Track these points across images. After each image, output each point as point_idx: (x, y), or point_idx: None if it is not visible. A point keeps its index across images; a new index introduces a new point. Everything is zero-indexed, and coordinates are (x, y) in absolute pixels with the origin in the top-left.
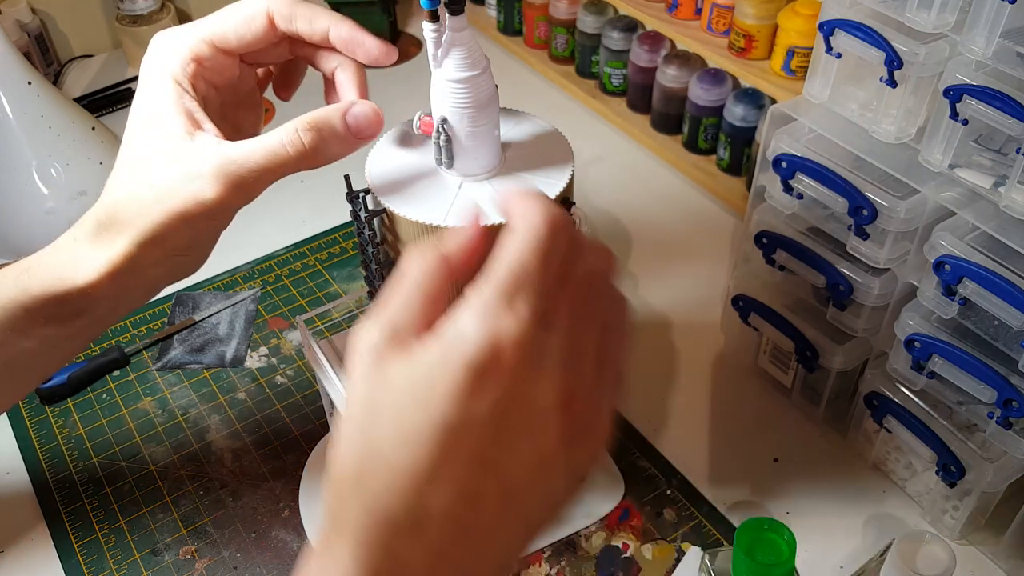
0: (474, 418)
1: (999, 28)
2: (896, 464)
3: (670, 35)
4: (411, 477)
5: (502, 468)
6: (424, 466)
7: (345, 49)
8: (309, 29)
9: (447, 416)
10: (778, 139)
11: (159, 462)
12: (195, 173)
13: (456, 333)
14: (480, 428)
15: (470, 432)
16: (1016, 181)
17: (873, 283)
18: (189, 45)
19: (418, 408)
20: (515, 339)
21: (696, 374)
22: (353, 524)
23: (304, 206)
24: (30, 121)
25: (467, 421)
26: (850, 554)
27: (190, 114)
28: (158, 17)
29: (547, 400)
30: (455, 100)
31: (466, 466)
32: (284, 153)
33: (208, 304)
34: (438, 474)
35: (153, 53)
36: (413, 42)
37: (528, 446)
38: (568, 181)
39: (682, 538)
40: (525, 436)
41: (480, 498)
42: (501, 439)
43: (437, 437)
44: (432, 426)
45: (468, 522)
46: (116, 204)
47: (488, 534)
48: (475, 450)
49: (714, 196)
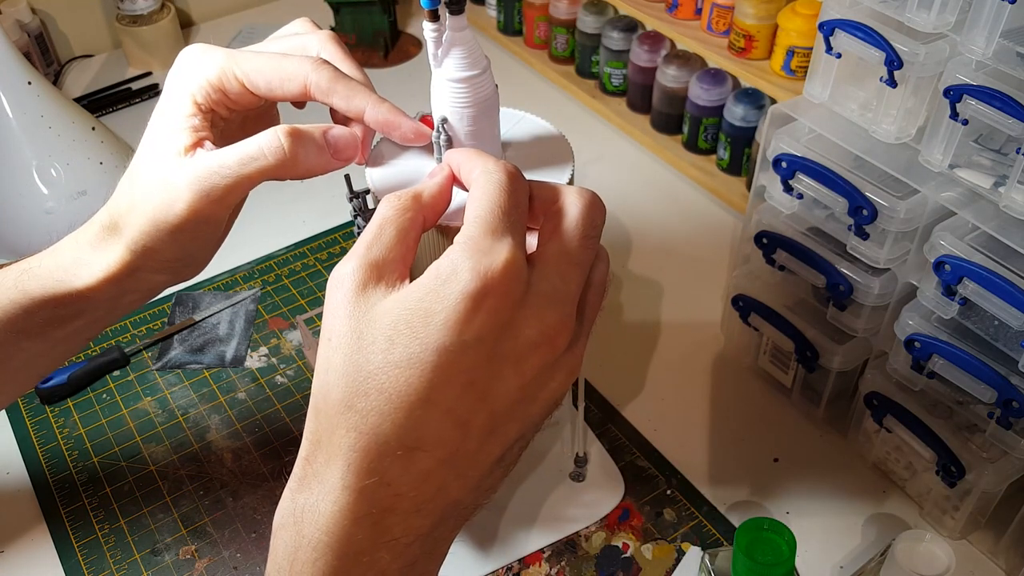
0: (468, 345)
1: (999, 28)
2: (896, 464)
3: (670, 35)
4: (404, 401)
5: (489, 395)
6: (418, 390)
7: (380, 129)
8: (345, 106)
9: (442, 343)
10: (778, 139)
11: (159, 462)
12: (170, 183)
13: (450, 266)
14: (473, 355)
15: (464, 359)
16: (1016, 181)
17: (873, 283)
18: (219, 74)
19: (413, 336)
20: (506, 268)
21: (696, 374)
22: (342, 447)
23: (304, 206)
24: (30, 121)
25: (461, 348)
26: (850, 554)
27: (195, 134)
28: (158, 17)
29: (533, 331)
30: (455, 100)
31: (458, 392)
32: (262, 157)
33: (208, 304)
34: (431, 399)
35: (182, 66)
36: (413, 42)
37: (513, 374)
38: (568, 181)
39: (682, 538)
40: (511, 364)
41: (469, 424)
42: (491, 367)
43: (432, 362)
44: (428, 352)
45: (456, 447)
46: (116, 210)
47: (472, 460)
48: (466, 377)
49: (714, 196)
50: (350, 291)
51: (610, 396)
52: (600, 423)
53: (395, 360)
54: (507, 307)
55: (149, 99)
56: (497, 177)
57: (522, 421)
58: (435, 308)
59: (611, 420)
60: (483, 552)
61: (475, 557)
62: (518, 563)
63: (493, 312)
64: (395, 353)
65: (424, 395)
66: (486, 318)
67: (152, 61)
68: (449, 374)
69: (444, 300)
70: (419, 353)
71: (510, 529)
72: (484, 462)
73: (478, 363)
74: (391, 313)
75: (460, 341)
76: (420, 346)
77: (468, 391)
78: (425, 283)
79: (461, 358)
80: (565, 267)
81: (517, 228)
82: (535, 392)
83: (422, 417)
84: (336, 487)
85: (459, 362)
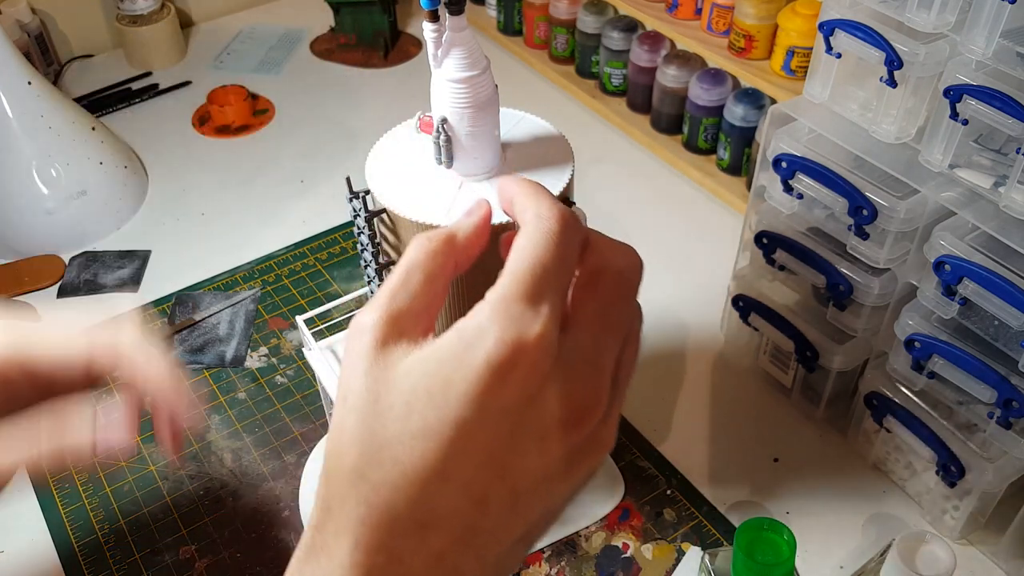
0: (489, 419)
1: (999, 28)
2: (896, 464)
3: (670, 35)
4: (419, 475)
5: (510, 472)
6: (434, 464)
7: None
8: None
9: (462, 415)
10: (778, 139)
11: (159, 462)
12: None
13: (476, 330)
14: (494, 429)
15: (484, 433)
16: (1016, 181)
17: (873, 283)
18: None
19: (432, 404)
20: (537, 341)
21: (696, 374)
22: (352, 520)
23: (304, 206)
24: (30, 121)
25: (482, 421)
26: (850, 554)
27: None
28: (158, 17)
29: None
30: (455, 100)
31: (476, 468)
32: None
33: (208, 304)
34: (448, 474)
35: None
36: (413, 42)
37: (537, 451)
38: (568, 181)
39: (682, 538)
40: (535, 441)
41: (487, 502)
42: (513, 443)
43: (450, 435)
44: (446, 424)
45: (472, 525)
46: None
47: (490, 539)
48: (487, 452)
49: (714, 196)
50: (368, 347)
51: None
52: None
53: (412, 430)
54: (535, 381)
55: (149, 99)
56: (548, 227)
57: (547, 499)
58: (455, 377)
59: None
60: None
61: None
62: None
63: (518, 386)
64: (412, 423)
65: (439, 469)
66: (510, 392)
67: (152, 61)
68: (468, 448)
69: (466, 369)
70: (436, 425)
71: None
72: (504, 541)
73: (499, 438)
74: (411, 377)
75: (482, 414)
76: (437, 417)
77: (487, 467)
78: (448, 346)
79: (480, 433)
80: (601, 333)
81: (557, 293)
82: (562, 469)
83: (437, 492)
84: (344, 563)
85: (479, 437)
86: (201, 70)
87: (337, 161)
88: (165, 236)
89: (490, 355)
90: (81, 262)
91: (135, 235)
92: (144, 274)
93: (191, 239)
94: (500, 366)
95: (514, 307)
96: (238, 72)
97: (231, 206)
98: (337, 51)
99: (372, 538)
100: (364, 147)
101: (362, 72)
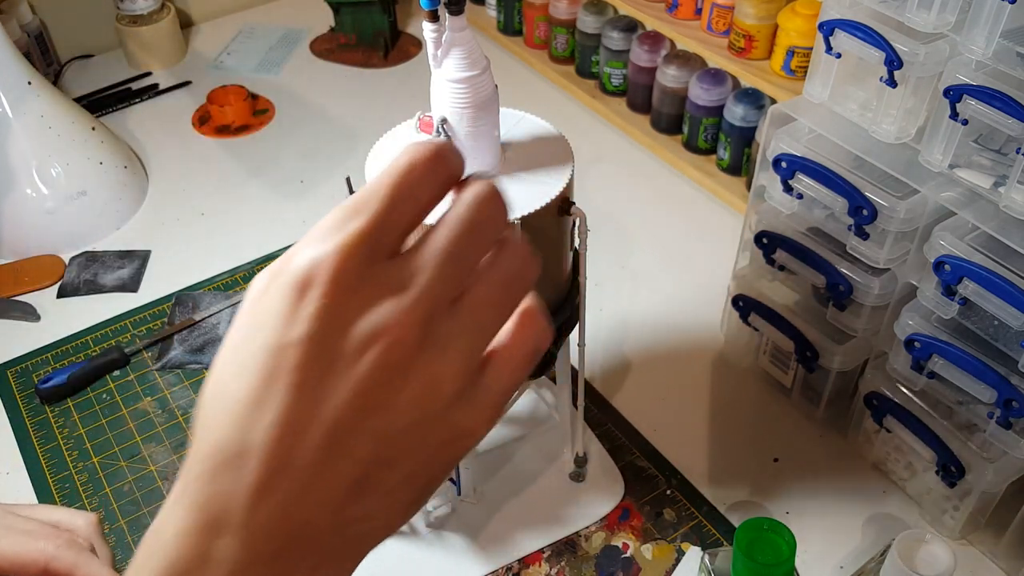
0: (291, 340)
1: (999, 28)
2: (896, 464)
3: (670, 35)
4: (237, 404)
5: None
6: (249, 392)
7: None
8: None
9: (268, 338)
10: (778, 139)
11: (159, 462)
12: None
13: (282, 259)
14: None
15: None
16: (1016, 181)
17: (873, 283)
18: None
19: (250, 335)
20: (334, 254)
21: (696, 374)
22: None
23: (304, 206)
24: (30, 121)
25: (284, 343)
26: (850, 554)
27: None
28: (158, 17)
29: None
30: (455, 100)
31: (286, 392)
32: None
33: (208, 304)
34: (261, 400)
35: None
36: (413, 42)
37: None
38: (568, 181)
39: (682, 538)
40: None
41: (301, 429)
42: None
43: (262, 360)
44: (259, 350)
45: (288, 454)
46: None
47: (313, 472)
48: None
49: (714, 196)
50: None
51: (610, 396)
52: (600, 423)
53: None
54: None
55: (149, 99)
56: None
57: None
58: (264, 302)
59: (611, 420)
60: (483, 552)
61: (475, 557)
62: (518, 563)
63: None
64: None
65: (254, 397)
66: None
67: (152, 61)
68: (276, 373)
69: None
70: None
71: (510, 529)
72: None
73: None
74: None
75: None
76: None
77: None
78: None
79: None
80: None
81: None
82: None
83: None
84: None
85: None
86: (201, 70)
87: (337, 161)
88: (165, 236)
89: (287, 276)
90: (81, 262)
91: (135, 235)
92: (144, 274)
93: (191, 239)
94: (297, 284)
95: (321, 231)
96: (238, 72)
97: (231, 206)
98: (337, 51)
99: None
100: (364, 147)
101: (362, 72)
